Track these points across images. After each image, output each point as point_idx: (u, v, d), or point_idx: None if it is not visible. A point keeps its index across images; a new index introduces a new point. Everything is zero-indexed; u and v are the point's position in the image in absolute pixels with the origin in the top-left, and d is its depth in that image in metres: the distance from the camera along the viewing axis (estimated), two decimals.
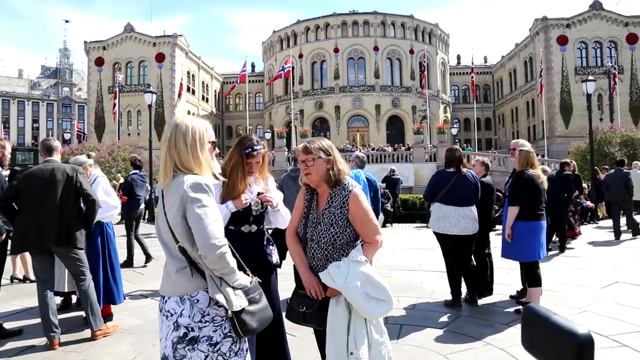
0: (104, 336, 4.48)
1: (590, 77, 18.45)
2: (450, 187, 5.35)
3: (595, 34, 48.30)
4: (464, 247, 5.40)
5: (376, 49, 53.05)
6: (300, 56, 54.84)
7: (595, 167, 16.51)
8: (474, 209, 5.35)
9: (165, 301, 1.97)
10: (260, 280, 2.10)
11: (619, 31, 48.08)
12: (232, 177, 2.92)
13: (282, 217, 3.11)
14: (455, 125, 41.59)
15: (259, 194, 3.05)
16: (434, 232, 5.44)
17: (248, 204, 2.91)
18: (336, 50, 53.53)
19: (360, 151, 36.85)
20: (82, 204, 4.45)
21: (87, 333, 4.51)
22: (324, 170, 2.52)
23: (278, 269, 3.14)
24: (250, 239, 3.01)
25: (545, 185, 5.14)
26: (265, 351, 2.97)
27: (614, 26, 48.24)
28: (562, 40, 47.93)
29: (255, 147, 2.93)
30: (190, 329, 1.89)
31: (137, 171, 7.57)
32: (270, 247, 3.10)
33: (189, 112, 55.03)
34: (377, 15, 54.12)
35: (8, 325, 4.76)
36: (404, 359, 3.83)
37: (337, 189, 2.48)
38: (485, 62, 66.13)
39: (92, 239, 4.95)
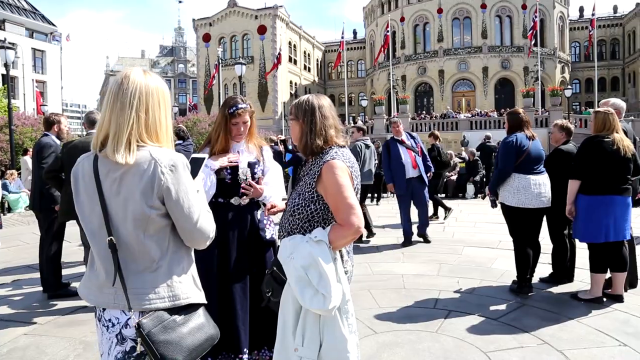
0: None
1: None
2: (527, 154, 4.60)
3: None
4: (538, 223, 4.69)
5: (483, 6, 48.89)
6: (402, 19, 52.61)
7: None
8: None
9: (104, 308, 1.56)
10: (205, 302, 1.67)
11: None
12: (213, 138, 2.77)
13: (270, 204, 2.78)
14: (569, 87, 37.25)
15: (249, 164, 2.76)
16: (506, 207, 4.70)
17: (229, 163, 2.65)
18: (440, 11, 50.41)
19: (462, 116, 34.85)
20: None
21: None
22: (297, 133, 2.14)
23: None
24: (241, 212, 2.74)
25: (629, 152, 4.16)
26: (260, 329, 2.72)
27: None
28: None
29: (239, 105, 2.71)
30: (137, 341, 1.50)
31: (181, 142, 7.56)
32: (265, 220, 2.82)
33: (291, 82, 56.12)
34: None
35: (74, 285, 5.07)
36: (437, 353, 3.36)
37: (318, 158, 2.08)
38: (615, 12, 58.15)
39: None
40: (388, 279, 5.29)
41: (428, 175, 7.43)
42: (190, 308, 1.59)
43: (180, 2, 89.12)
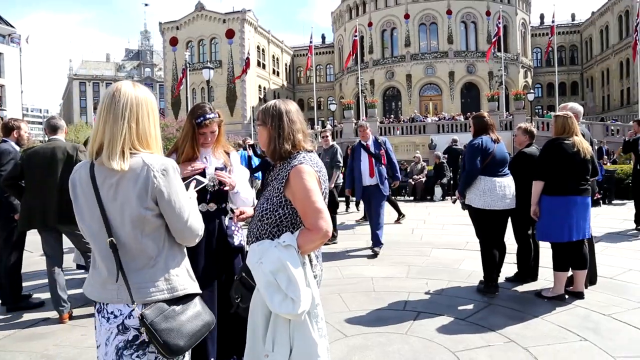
0: None
1: None
2: (493, 156, 4.72)
3: None
4: (503, 224, 4.80)
5: (449, 12, 50.02)
6: (370, 24, 53.24)
7: None
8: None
9: (106, 302, 1.68)
10: (200, 292, 1.81)
11: None
12: (180, 146, 2.73)
13: (240, 200, 2.76)
14: (532, 91, 38.57)
15: (216, 169, 2.73)
16: (472, 209, 4.80)
17: (192, 172, 2.60)
18: (407, 17, 51.25)
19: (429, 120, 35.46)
20: None
21: None
22: (265, 139, 2.13)
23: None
24: (208, 218, 2.70)
25: (588, 154, 4.34)
26: (228, 338, 2.69)
27: None
28: None
29: (207, 116, 2.68)
30: (141, 331, 1.62)
31: None
32: (233, 227, 2.79)
33: (259, 87, 55.91)
34: None
35: (36, 296, 4.94)
36: (407, 354, 3.39)
37: (286, 162, 2.08)
38: (573, 20, 60.48)
39: None
40: (358, 282, 5.31)
41: (393, 184, 7.05)
42: (187, 298, 1.74)
43: (146, 5, 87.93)
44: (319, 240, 1.97)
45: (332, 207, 7.15)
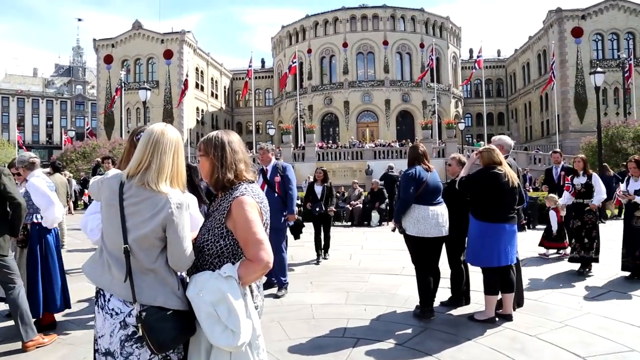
0: (36, 347, 4.18)
1: (599, 69, 17.72)
2: (426, 185, 4.92)
3: (612, 25, 47.15)
4: (437, 251, 4.98)
5: (386, 43, 52.22)
6: (309, 51, 54.30)
7: (604, 164, 15.88)
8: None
9: (108, 299, 1.95)
10: (185, 309, 1.98)
11: (637, 22, 46.88)
12: (123, 167, 2.64)
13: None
14: (462, 121, 40.88)
15: None
16: (407, 236, 4.96)
17: None
18: (345, 45, 52.85)
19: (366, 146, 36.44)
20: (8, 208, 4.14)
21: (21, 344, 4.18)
22: (207, 169, 2.12)
23: None
24: None
25: (515, 182, 4.67)
26: None
27: (632, 16, 47.18)
28: (577, 32, 46.79)
29: None
30: (137, 327, 1.90)
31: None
32: None
33: (197, 109, 55.05)
34: (386, 9, 53.23)
35: None
36: None
37: (227, 193, 2.07)
38: (499, 55, 64.89)
39: (30, 245, 4.67)
40: (298, 309, 5.29)
41: (286, 218, 6.15)
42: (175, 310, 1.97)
43: (79, 20, 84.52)
44: (260, 271, 1.98)
45: None
